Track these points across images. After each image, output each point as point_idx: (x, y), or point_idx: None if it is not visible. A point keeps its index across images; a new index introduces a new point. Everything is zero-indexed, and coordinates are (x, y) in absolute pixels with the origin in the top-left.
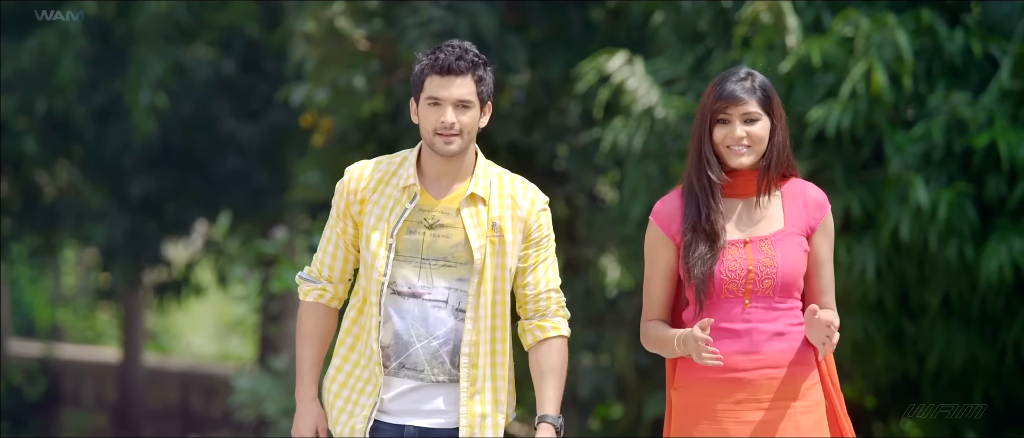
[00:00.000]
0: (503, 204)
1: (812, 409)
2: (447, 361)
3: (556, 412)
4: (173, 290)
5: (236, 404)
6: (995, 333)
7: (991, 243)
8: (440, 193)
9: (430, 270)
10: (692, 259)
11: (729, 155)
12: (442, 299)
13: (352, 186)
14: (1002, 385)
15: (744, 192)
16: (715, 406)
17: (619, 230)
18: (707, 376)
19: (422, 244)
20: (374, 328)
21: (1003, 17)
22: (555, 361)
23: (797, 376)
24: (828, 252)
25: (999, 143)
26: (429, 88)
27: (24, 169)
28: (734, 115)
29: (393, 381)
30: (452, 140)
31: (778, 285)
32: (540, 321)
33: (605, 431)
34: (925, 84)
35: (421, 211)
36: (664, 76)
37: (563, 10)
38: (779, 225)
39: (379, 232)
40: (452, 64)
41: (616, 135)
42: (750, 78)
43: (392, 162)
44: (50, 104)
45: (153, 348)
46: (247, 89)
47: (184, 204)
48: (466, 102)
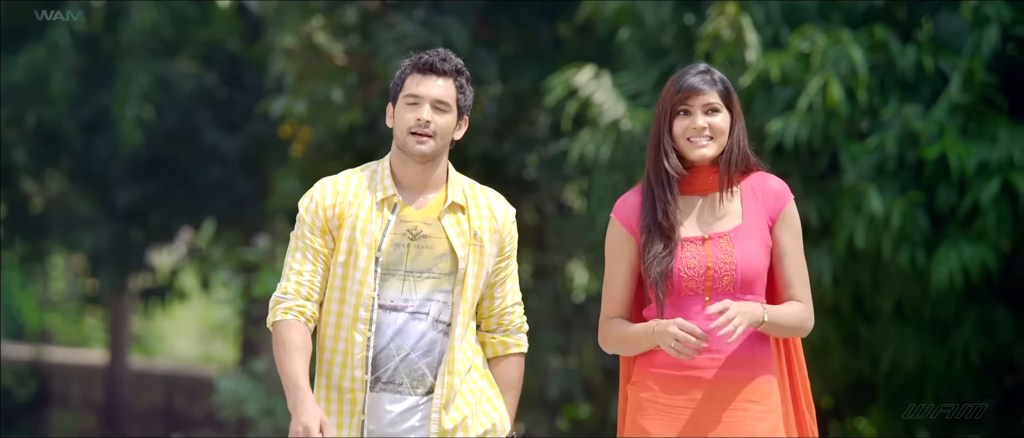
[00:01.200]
0: (481, 214)
1: (767, 415)
2: (428, 374)
3: (510, 428)
4: (158, 295)
5: (218, 405)
6: (946, 336)
7: (942, 250)
8: (418, 203)
9: (414, 282)
10: (649, 257)
11: (690, 147)
12: (424, 311)
13: (328, 202)
14: (952, 386)
15: (703, 189)
16: (671, 402)
17: (586, 237)
18: (665, 373)
19: (407, 256)
20: (361, 347)
21: (953, 34)
22: (514, 377)
23: (757, 379)
24: (792, 243)
25: (949, 154)
26: (409, 85)
27: (14, 178)
28: (695, 106)
29: (373, 399)
30: (425, 141)
31: (738, 282)
32: (503, 337)
33: (573, 431)
34: (879, 97)
35: (402, 223)
36: (629, 90)
37: (533, 26)
38: (738, 221)
39: (365, 247)
40: (435, 63)
41: (583, 146)
42: (709, 72)
43: (362, 176)
44: (40, 116)
45: (139, 351)
46: (229, 102)
47: (169, 212)
48: (444, 104)
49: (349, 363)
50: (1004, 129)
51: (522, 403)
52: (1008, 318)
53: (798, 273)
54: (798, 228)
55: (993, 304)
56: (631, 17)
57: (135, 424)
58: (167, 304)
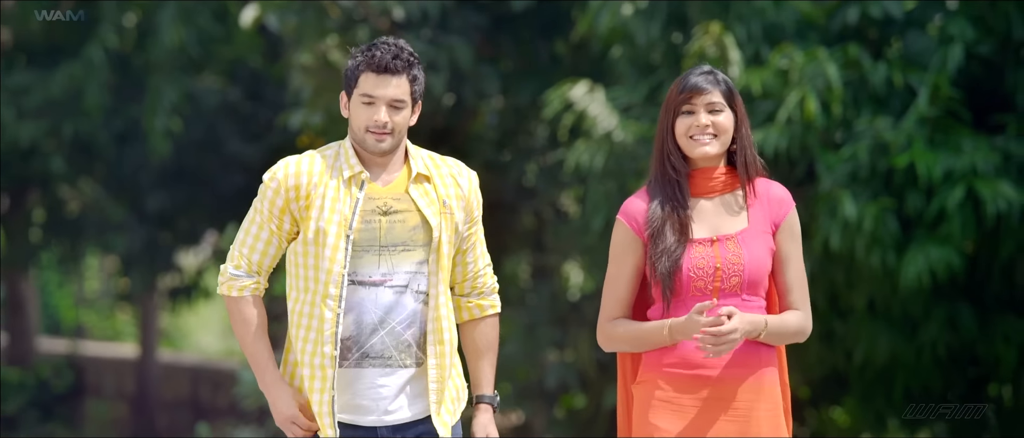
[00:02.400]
0: (446, 183)
1: (774, 412)
2: (413, 345)
3: (492, 390)
4: (185, 293)
5: (241, 395)
6: (914, 332)
7: (910, 252)
8: (383, 180)
9: (391, 256)
10: (657, 254)
11: (693, 145)
12: (403, 284)
13: (292, 182)
14: (920, 378)
15: (709, 191)
16: (681, 400)
17: (582, 240)
18: (674, 371)
19: (380, 232)
20: (330, 323)
21: (920, 51)
22: (491, 338)
23: (763, 377)
24: (793, 249)
25: (917, 163)
26: (364, 85)
27: (52, 186)
28: (698, 105)
29: (354, 374)
30: (384, 138)
31: (746, 282)
32: (478, 300)
33: (569, 419)
34: (852, 111)
35: (371, 200)
36: (622, 103)
37: (532, 44)
38: (744, 224)
39: (334, 225)
40: (388, 63)
41: (579, 155)
42: (713, 72)
43: (326, 155)
44: (76, 128)
45: (167, 345)
46: (251, 115)
47: (194, 217)
48: (399, 102)
49: (319, 340)
50: (968, 140)
51: (521, 393)
52: (972, 315)
53: (798, 279)
54: (799, 235)
55: (958, 302)
56: (623, 36)
57: (163, 413)
58: (193, 302)
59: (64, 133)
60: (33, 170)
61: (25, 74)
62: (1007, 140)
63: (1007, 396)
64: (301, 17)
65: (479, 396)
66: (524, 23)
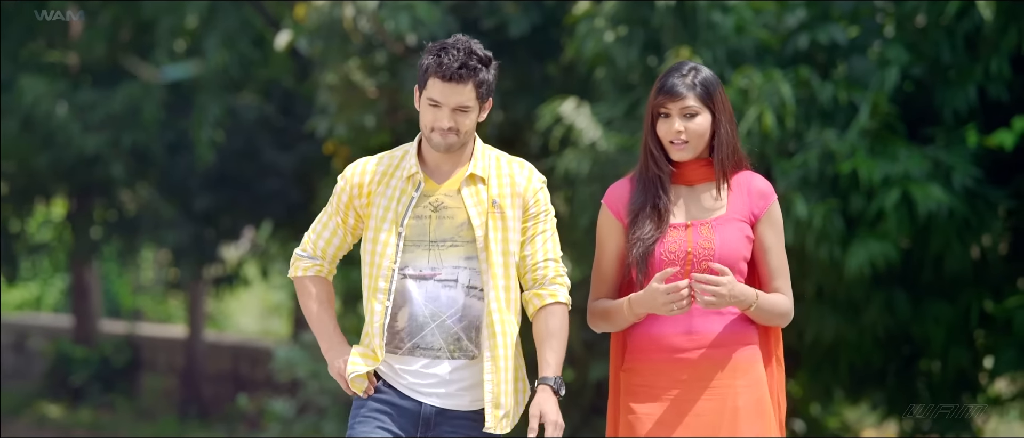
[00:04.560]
0: (502, 183)
1: (753, 387)
2: (463, 337)
3: (554, 374)
4: (227, 282)
5: (276, 369)
6: (857, 315)
7: (853, 246)
8: (442, 178)
9: (439, 251)
10: (634, 239)
11: (670, 150)
12: (452, 278)
13: (356, 180)
14: (862, 355)
15: (690, 180)
16: (660, 386)
17: (570, 235)
18: (653, 357)
19: (429, 227)
20: (379, 315)
21: (862, 72)
22: (553, 326)
23: (738, 354)
24: (775, 240)
25: (859, 169)
26: (431, 90)
27: (113, 189)
28: (673, 110)
29: (407, 359)
30: (449, 136)
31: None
32: (538, 290)
33: None
34: (803, 124)
35: (426, 197)
36: (604, 117)
37: (527, 66)
38: (721, 212)
39: (388, 222)
40: (454, 73)
41: (568, 163)
42: (692, 73)
43: (394, 156)
44: (134, 139)
45: (212, 326)
46: (283, 127)
47: (235, 215)
48: (465, 107)
49: (371, 331)
50: (903, 149)
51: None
52: (906, 300)
53: (780, 267)
54: (780, 226)
55: (894, 289)
56: (605, 59)
57: (208, 385)
58: (234, 289)
59: (123, 144)
60: (96, 176)
61: (90, 93)
62: (936, 149)
63: (936, 370)
64: (327, 42)
65: (541, 379)
66: (520, 48)
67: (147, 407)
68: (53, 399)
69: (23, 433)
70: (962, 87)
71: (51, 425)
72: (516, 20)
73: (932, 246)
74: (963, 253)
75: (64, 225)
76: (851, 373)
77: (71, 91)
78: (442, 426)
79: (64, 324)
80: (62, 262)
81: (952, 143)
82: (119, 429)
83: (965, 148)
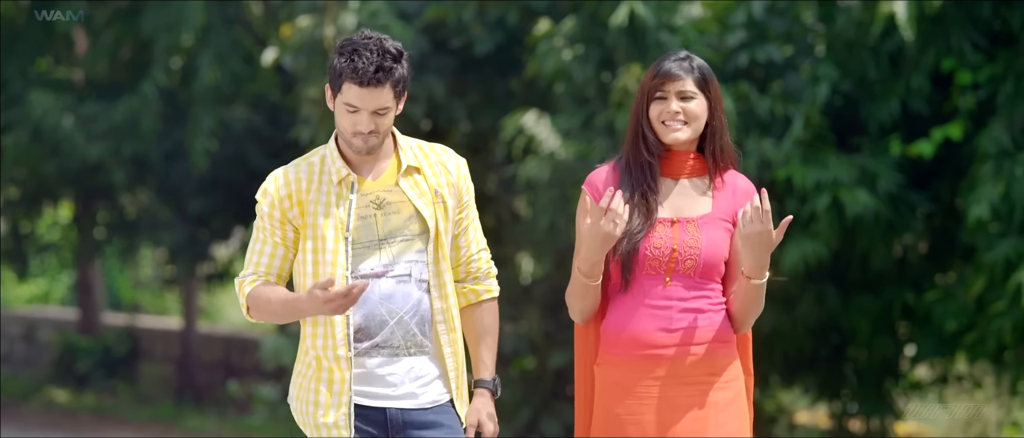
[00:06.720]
0: (436, 172)
1: (729, 385)
2: (417, 332)
3: (492, 375)
4: (218, 278)
5: (264, 358)
6: (791, 308)
7: (789, 245)
8: (373, 174)
9: (390, 247)
10: (621, 234)
11: (664, 131)
12: (406, 273)
13: (283, 193)
14: (796, 344)
15: (676, 172)
16: (637, 382)
17: (531, 236)
18: (629, 353)
19: (377, 225)
20: (342, 324)
21: (796, 88)
22: (488, 323)
23: (716, 353)
24: None
25: (794, 176)
26: (347, 95)
27: (114, 194)
28: (670, 91)
29: (363, 362)
30: (370, 139)
31: (700, 266)
32: (474, 285)
33: (521, 378)
34: (743, 134)
35: (364, 197)
36: (562, 128)
37: (492, 81)
38: (707, 209)
39: (332, 230)
40: (371, 78)
41: (529, 170)
42: (688, 59)
43: (312, 162)
44: (133, 148)
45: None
46: (270, 137)
47: (226, 217)
48: (384, 109)
49: (331, 339)
50: (833, 157)
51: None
52: (836, 295)
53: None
54: None
55: (825, 285)
56: (564, 75)
57: (202, 372)
58: (225, 284)
59: (124, 152)
60: (99, 182)
61: (94, 105)
62: (863, 158)
63: (862, 358)
64: (309, 59)
65: (478, 381)
66: (486, 65)
67: (146, 392)
68: (60, 385)
69: (33, 416)
70: (886, 101)
71: (58, 409)
72: (482, 39)
73: (859, 246)
74: (887, 252)
75: (70, 226)
76: (785, 360)
77: (76, 104)
78: (409, 429)
79: (70, 317)
80: (68, 260)
81: (877, 152)
82: (120, 412)
83: (889, 157)
